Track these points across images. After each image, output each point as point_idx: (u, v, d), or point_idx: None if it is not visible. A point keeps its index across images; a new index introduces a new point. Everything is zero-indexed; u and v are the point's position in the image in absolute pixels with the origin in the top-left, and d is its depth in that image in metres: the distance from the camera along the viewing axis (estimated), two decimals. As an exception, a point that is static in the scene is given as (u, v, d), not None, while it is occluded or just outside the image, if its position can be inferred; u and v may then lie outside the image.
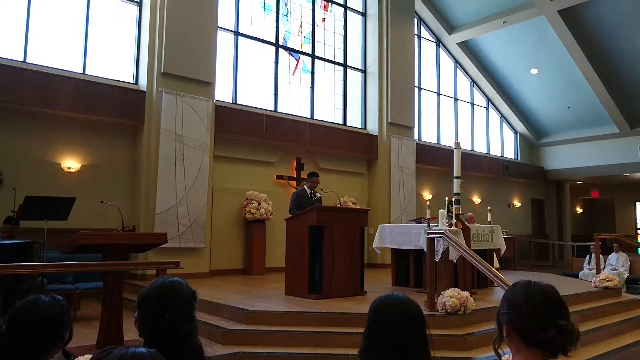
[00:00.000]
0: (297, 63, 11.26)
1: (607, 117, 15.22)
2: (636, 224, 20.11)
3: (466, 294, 5.25)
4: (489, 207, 8.68)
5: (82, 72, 8.26)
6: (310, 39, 11.50)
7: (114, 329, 4.55)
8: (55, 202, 6.24)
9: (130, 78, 8.76)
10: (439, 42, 14.87)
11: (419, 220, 7.96)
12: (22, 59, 7.74)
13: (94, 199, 7.65)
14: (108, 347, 1.05)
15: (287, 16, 11.17)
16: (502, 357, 1.66)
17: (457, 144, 7.05)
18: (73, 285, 6.69)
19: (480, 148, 16.07)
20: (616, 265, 11.19)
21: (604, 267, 10.68)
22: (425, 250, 5.77)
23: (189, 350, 1.68)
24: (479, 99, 16.32)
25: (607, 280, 7.42)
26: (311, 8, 11.57)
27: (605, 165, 16.06)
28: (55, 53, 8.07)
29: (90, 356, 3.06)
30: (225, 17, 9.90)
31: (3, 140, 7.53)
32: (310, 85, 11.35)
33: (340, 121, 11.85)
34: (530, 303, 1.54)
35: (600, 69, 13.85)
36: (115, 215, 6.83)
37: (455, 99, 15.38)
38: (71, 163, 8.12)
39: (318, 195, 7.13)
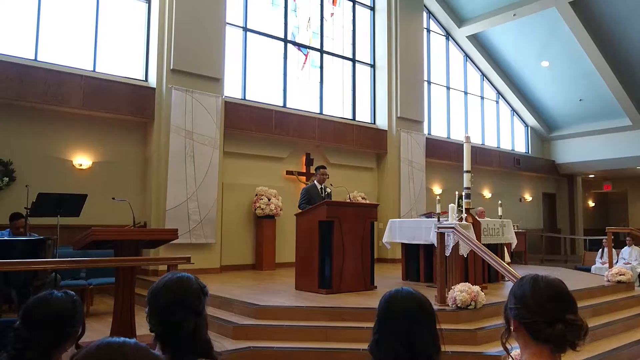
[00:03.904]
0: (306, 58, 11.24)
1: (620, 110, 15.03)
2: (649, 217, 19.89)
3: (477, 288, 5.23)
4: (499, 201, 8.61)
5: (92, 69, 8.31)
6: (319, 33, 11.47)
7: (126, 324, 4.59)
8: (67, 199, 6.30)
9: (140, 75, 8.81)
10: (448, 35, 14.77)
11: (429, 215, 7.93)
12: (33, 57, 7.81)
13: (105, 196, 7.72)
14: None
15: (295, 11, 11.15)
16: (511, 352, 1.66)
17: (468, 138, 7.01)
18: (86, 281, 6.77)
19: (491, 142, 15.96)
20: (629, 259, 11.08)
21: (617, 261, 10.58)
22: (436, 244, 5.75)
23: (198, 346, 1.69)
24: (489, 93, 16.20)
25: (620, 275, 7.35)
26: (319, 2, 11.53)
27: (618, 158, 15.88)
28: (65, 51, 8.14)
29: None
30: (233, 13, 9.91)
31: (15, 138, 7.62)
32: (319, 80, 11.33)
33: (350, 116, 11.82)
34: (537, 298, 1.53)
35: (613, 60, 13.67)
36: (127, 211, 6.89)
37: (465, 93, 15.28)
38: (82, 160, 8.19)
39: (328, 190, 7.13)
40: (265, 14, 10.58)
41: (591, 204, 21.16)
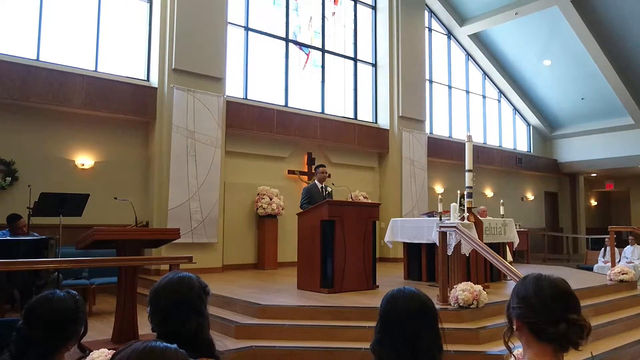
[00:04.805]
0: (308, 57, 11.23)
1: (622, 108, 15.00)
2: (652, 216, 19.82)
3: (479, 287, 5.22)
4: (501, 201, 8.61)
5: (94, 69, 8.32)
6: (321, 33, 11.47)
7: (128, 324, 4.60)
8: (70, 199, 6.31)
9: (141, 75, 8.82)
10: (450, 34, 14.75)
11: (430, 214, 7.93)
12: (35, 57, 7.82)
13: (108, 195, 7.74)
14: (133, 341, 1.09)
15: (296, 10, 11.14)
16: (513, 351, 1.65)
17: (469, 137, 6.99)
18: (88, 281, 6.78)
19: (493, 141, 15.95)
20: (632, 258, 11.05)
21: (619, 260, 10.55)
22: (438, 244, 5.75)
23: (200, 345, 1.69)
24: (491, 92, 16.18)
25: (623, 274, 7.33)
26: (321, 2, 11.53)
27: (620, 157, 15.86)
28: (67, 51, 8.15)
29: (105, 350, 3.11)
30: (235, 13, 9.91)
31: (18, 138, 7.64)
32: (320, 80, 11.33)
33: (351, 115, 11.82)
34: (540, 297, 1.53)
35: (615, 59, 13.64)
36: (129, 211, 6.90)
37: (467, 92, 15.26)
38: (85, 160, 8.20)
39: (329, 189, 7.13)
40: (266, 13, 10.58)
41: (593, 202, 21.12)
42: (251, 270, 9.22)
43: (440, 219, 6.66)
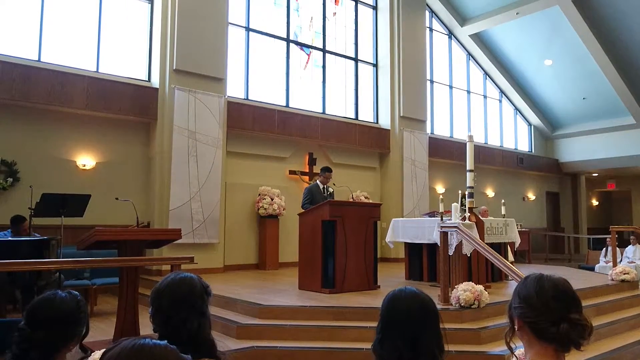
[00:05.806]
0: (308, 58, 11.24)
1: (623, 108, 14.99)
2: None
3: (480, 287, 5.22)
4: (502, 200, 8.61)
5: (95, 70, 8.34)
6: (322, 33, 11.47)
7: (130, 324, 4.60)
8: (71, 199, 6.31)
9: (142, 75, 8.82)
10: (451, 34, 14.74)
11: (432, 214, 7.93)
12: (36, 58, 7.84)
13: (109, 196, 7.74)
14: (122, 339, 1.08)
15: (297, 11, 11.15)
16: (515, 351, 1.65)
17: (470, 137, 6.98)
18: (90, 281, 6.79)
19: (494, 141, 15.93)
20: (633, 258, 11.02)
21: (621, 260, 10.54)
22: (439, 244, 5.75)
23: (202, 345, 1.70)
24: (492, 92, 16.17)
25: (624, 274, 7.33)
26: (322, 2, 11.53)
27: (622, 156, 15.83)
28: (69, 52, 8.16)
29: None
30: (236, 13, 9.92)
31: (19, 139, 7.65)
32: (321, 80, 11.33)
33: (352, 115, 11.82)
34: (542, 297, 1.53)
35: (616, 59, 13.62)
36: (130, 211, 6.89)
37: (468, 92, 15.25)
38: (86, 160, 8.21)
39: (330, 190, 7.13)
40: (267, 13, 10.58)
41: (595, 202, 21.10)
42: (252, 271, 9.22)
43: (442, 219, 6.66)
